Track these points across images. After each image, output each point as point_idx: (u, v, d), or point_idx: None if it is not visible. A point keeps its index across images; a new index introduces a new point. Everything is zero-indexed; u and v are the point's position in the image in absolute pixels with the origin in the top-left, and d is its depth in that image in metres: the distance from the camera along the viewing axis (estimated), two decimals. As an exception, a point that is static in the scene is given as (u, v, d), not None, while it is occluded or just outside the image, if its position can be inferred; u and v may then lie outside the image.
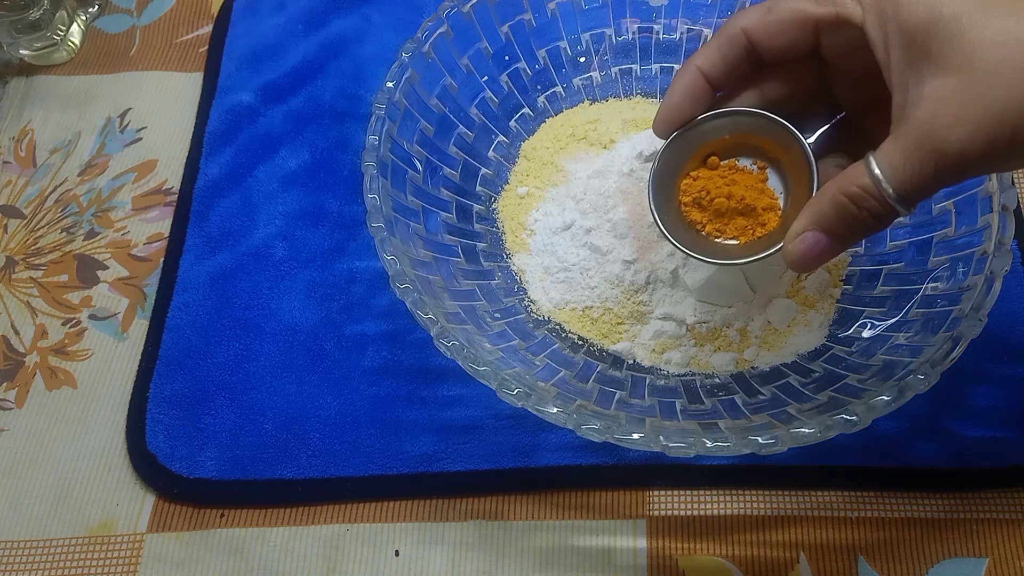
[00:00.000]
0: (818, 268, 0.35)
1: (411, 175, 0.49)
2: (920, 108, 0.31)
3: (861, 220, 0.34)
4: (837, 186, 0.34)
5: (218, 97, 0.61)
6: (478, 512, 0.46)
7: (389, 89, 0.48)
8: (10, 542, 0.47)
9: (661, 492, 0.46)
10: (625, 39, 0.56)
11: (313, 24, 0.64)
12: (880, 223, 0.34)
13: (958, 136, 0.30)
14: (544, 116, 0.56)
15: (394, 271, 0.42)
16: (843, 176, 0.34)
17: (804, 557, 0.44)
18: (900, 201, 0.32)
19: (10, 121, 0.63)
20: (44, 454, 0.50)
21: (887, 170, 0.32)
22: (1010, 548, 0.44)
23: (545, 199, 0.52)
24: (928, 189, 0.32)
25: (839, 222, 0.34)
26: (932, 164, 0.31)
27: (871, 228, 0.34)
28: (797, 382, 0.44)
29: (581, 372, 0.45)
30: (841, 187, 0.33)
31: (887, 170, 0.32)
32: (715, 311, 0.47)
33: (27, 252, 0.57)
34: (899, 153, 0.32)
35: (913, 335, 0.43)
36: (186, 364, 0.51)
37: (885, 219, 0.33)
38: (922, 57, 0.31)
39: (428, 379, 0.50)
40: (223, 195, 0.57)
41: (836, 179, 0.34)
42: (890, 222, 0.34)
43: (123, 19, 0.67)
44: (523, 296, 0.50)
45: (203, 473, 0.48)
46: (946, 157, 0.31)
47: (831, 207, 0.34)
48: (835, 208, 0.34)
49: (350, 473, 0.47)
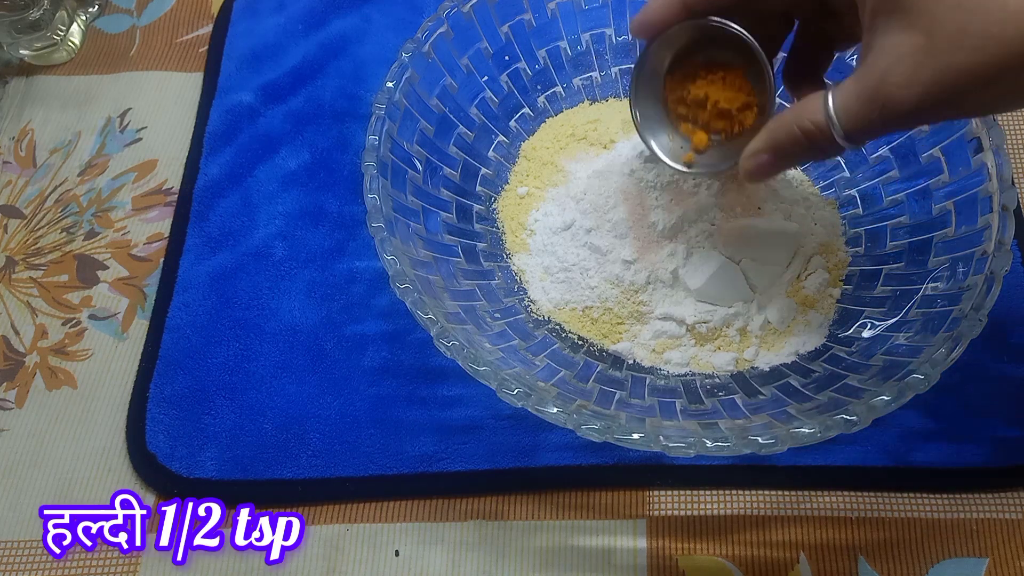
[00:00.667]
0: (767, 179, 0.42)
1: (411, 175, 0.49)
2: (881, 59, 0.33)
3: (809, 151, 0.37)
4: (794, 117, 0.37)
5: (218, 97, 0.61)
6: (478, 512, 0.46)
7: (389, 89, 0.48)
8: (10, 542, 0.47)
9: (661, 492, 0.46)
10: (625, 39, 0.56)
11: (313, 24, 0.64)
12: (826, 154, 0.38)
13: (908, 96, 0.32)
14: (544, 116, 0.56)
15: (394, 271, 0.42)
16: (801, 107, 0.37)
17: (804, 557, 0.44)
18: (847, 139, 0.35)
19: (10, 121, 0.63)
20: (44, 454, 0.50)
21: (841, 113, 0.35)
22: (1010, 548, 0.44)
23: (545, 199, 0.52)
24: (874, 134, 0.36)
25: (790, 149, 0.38)
26: (879, 115, 0.33)
27: (816, 158, 0.39)
28: (797, 382, 0.44)
29: (581, 372, 0.45)
30: (798, 120, 0.37)
31: (841, 113, 0.35)
32: (715, 311, 0.47)
33: (27, 252, 0.57)
34: (854, 99, 0.34)
35: (913, 335, 0.43)
36: (186, 364, 0.51)
37: (831, 152, 0.37)
38: (893, 7, 0.32)
39: (428, 379, 0.50)
40: (223, 195, 0.57)
41: (794, 108, 0.37)
42: (835, 155, 0.39)
43: (123, 19, 0.67)
44: (523, 296, 0.50)
45: (203, 473, 0.48)
46: (894, 113, 0.33)
47: (786, 136, 0.37)
48: (789, 138, 0.37)
49: (350, 473, 0.47)
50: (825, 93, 0.35)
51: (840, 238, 0.50)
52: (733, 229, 0.47)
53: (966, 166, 0.45)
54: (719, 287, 0.47)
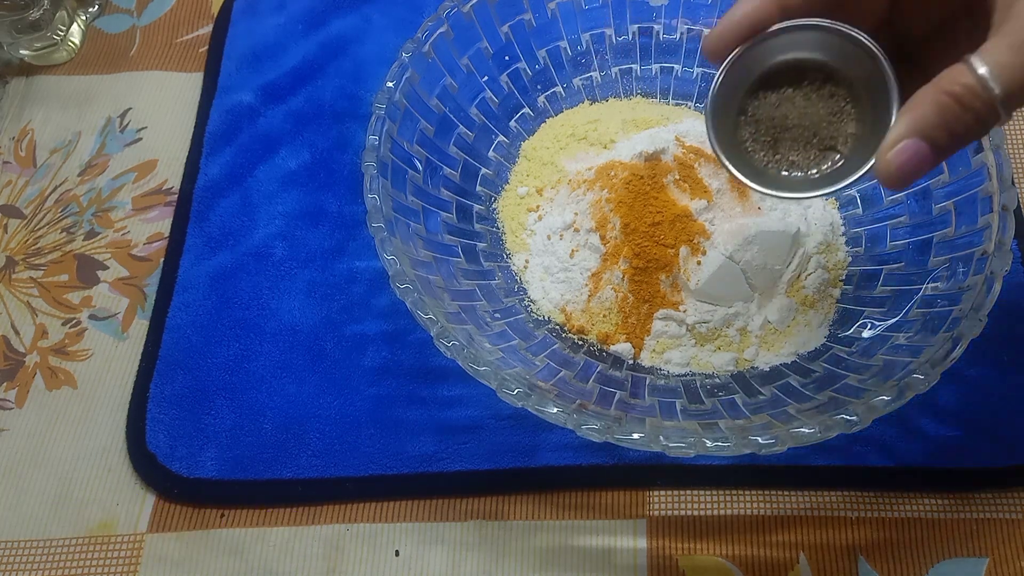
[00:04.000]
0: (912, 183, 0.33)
1: (411, 175, 0.49)
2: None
3: (965, 124, 0.31)
4: (938, 87, 0.31)
5: (218, 97, 0.61)
6: (478, 512, 0.46)
7: (389, 89, 0.48)
8: (10, 542, 0.47)
9: (661, 492, 0.46)
10: (625, 39, 0.56)
11: (313, 24, 0.64)
12: (982, 129, 0.31)
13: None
14: (544, 116, 0.56)
15: (394, 271, 0.42)
16: (940, 79, 0.31)
17: (804, 557, 0.44)
18: (1004, 102, 0.30)
19: (10, 121, 0.63)
20: (44, 454, 0.50)
21: (994, 68, 0.30)
22: (1010, 548, 0.44)
23: (545, 199, 0.52)
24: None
25: (941, 127, 0.31)
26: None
27: (972, 135, 0.31)
28: (797, 382, 0.44)
29: (581, 372, 0.45)
30: (943, 87, 0.31)
31: (994, 68, 0.30)
32: (715, 311, 0.47)
33: (27, 252, 0.57)
34: (1006, 51, 0.30)
35: (913, 335, 0.43)
36: (186, 364, 0.51)
37: (988, 123, 0.31)
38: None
39: (428, 379, 0.50)
40: (223, 195, 0.57)
41: (932, 83, 0.31)
42: (989, 129, 0.32)
43: (123, 19, 0.67)
44: (523, 296, 0.50)
45: (203, 473, 0.48)
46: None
47: (933, 109, 0.31)
48: (938, 110, 0.31)
49: (350, 473, 0.47)
50: (965, 58, 0.31)
51: (840, 238, 0.50)
52: (733, 229, 0.47)
53: (966, 166, 0.45)
54: (719, 287, 0.47)
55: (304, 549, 0.46)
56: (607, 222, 0.48)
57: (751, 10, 0.35)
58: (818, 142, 0.37)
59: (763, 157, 0.38)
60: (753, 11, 0.35)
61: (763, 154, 0.38)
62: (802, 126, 0.37)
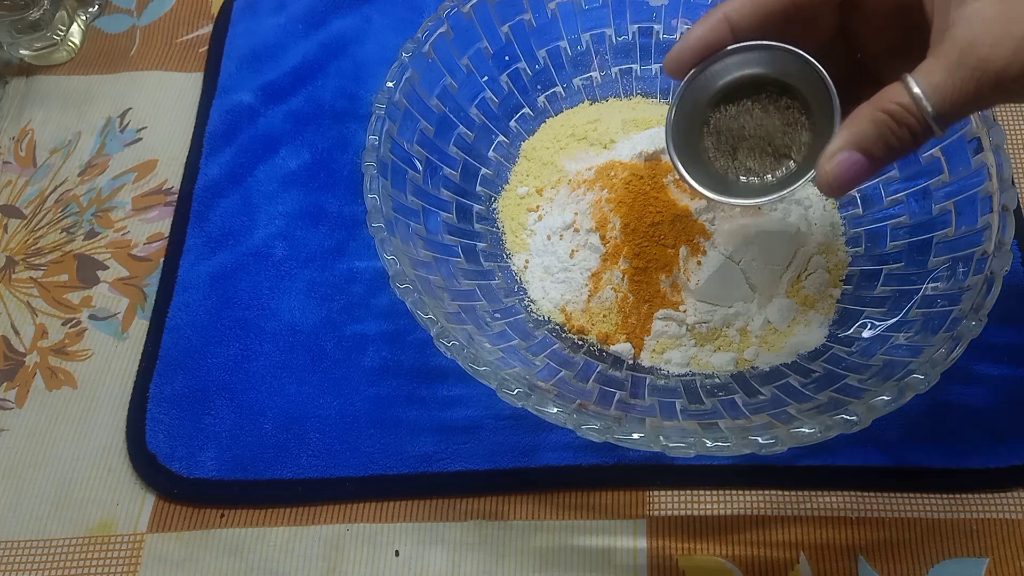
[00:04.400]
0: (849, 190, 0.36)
1: (411, 175, 0.49)
2: (962, 28, 0.31)
3: (899, 138, 0.33)
4: (875, 105, 0.33)
5: (218, 97, 0.61)
6: (478, 512, 0.46)
7: (389, 89, 0.48)
8: (10, 542, 0.47)
9: (661, 492, 0.46)
10: (625, 39, 0.56)
11: (313, 24, 0.64)
12: (916, 143, 0.34)
13: (1001, 54, 0.31)
14: (544, 116, 0.56)
15: (394, 271, 0.42)
16: (879, 97, 0.34)
17: (804, 557, 0.44)
18: (937, 120, 0.32)
19: (10, 121, 0.63)
20: (44, 454, 0.50)
21: (927, 89, 0.32)
22: (1010, 548, 0.44)
23: (545, 199, 0.52)
24: (966, 108, 0.32)
25: (877, 141, 0.34)
26: (973, 82, 0.31)
27: (907, 148, 0.34)
28: (797, 382, 0.44)
29: (581, 372, 0.45)
30: (880, 105, 0.33)
31: (927, 89, 0.32)
32: (715, 311, 0.47)
33: (27, 252, 0.57)
34: (939, 72, 0.32)
35: (913, 335, 0.43)
36: (186, 364, 0.51)
37: (921, 139, 0.33)
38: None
39: (428, 379, 0.50)
40: (223, 195, 0.57)
41: (870, 101, 0.34)
42: (923, 143, 0.34)
43: (123, 19, 0.67)
44: (523, 296, 0.50)
45: (203, 473, 0.48)
46: (987, 75, 0.31)
47: (870, 125, 0.34)
48: (874, 126, 0.34)
49: (350, 473, 0.47)
50: (903, 77, 0.33)
51: (840, 238, 0.50)
52: (733, 229, 0.47)
53: (966, 166, 0.45)
54: (719, 287, 0.47)
55: (304, 549, 0.46)
56: (607, 222, 0.48)
57: (704, 33, 0.38)
58: (773, 150, 0.40)
59: (723, 164, 0.41)
60: (706, 34, 0.38)
61: (723, 162, 0.41)
62: (758, 136, 0.40)
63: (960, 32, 0.31)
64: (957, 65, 0.31)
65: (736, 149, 0.41)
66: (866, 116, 0.34)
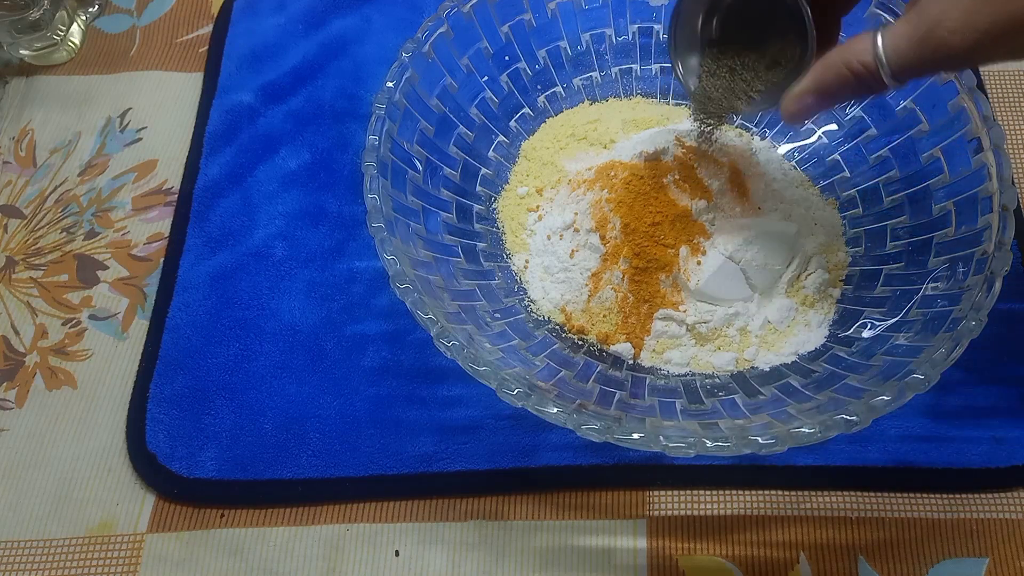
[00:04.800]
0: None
1: (411, 175, 0.49)
2: (933, 4, 0.33)
3: (856, 90, 0.38)
4: (842, 58, 0.37)
5: (218, 97, 0.61)
6: (478, 512, 0.46)
7: (389, 89, 0.48)
8: (10, 542, 0.47)
9: (661, 492, 0.46)
10: (625, 39, 0.56)
11: (313, 24, 0.64)
12: (871, 93, 0.38)
13: (960, 42, 0.33)
14: (544, 116, 0.56)
15: (394, 271, 0.42)
16: (848, 48, 0.37)
17: (804, 557, 0.44)
18: (894, 78, 0.36)
19: (10, 121, 0.63)
20: (44, 454, 0.50)
21: (891, 54, 0.35)
22: (1010, 548, 0.44)
23: (545, 199, 0.52)
24: (922, 74, 0.37)
25: (837, 89, 0.38)
26: (931, 58, 0.34)
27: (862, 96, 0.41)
28: (797, 382, 0.44)
29: (581, 372, 0.45)
30: (845, 60, 0.37)
31: (891, 54, 0.35)
32: (715, 311, 0.47)
33: (27, 252, 0.57)
34: (904, 41, 0.35)
35: (913, 335, 0.43)
36: (186, 364, 0.51)
37: (876, 91, 0.37)
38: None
39: (428, 379, 0.50)
40: (223, 195, 0.57)
41: (841, 49, 0.37)
42: (879, 93, 0.38)
43: (123, 19, 0.67)
44: (523, 296, 0.50)
45: (203, 473, 0.48)
46: (945, 55, 0.34)
47: (834, 77, 0.38)
48: (837, 79, 0.38)
49: (350, 473, 0.47)
50: (874, 33, 0.36)
51: (840, 238, 0.50)
52: (733, 229, 0.47)
53: (966, 166, 0.45)
54: (719, 287, 0.47)
55: (304, 549, 0.46)
56: (607, 222, 0.48)
57: None
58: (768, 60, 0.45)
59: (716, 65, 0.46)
60: None
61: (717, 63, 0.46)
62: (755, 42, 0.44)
63: (931, 7, 0.33)
64: (920, 41, 0.34)
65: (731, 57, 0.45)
66: (832, 68, 0.38)
